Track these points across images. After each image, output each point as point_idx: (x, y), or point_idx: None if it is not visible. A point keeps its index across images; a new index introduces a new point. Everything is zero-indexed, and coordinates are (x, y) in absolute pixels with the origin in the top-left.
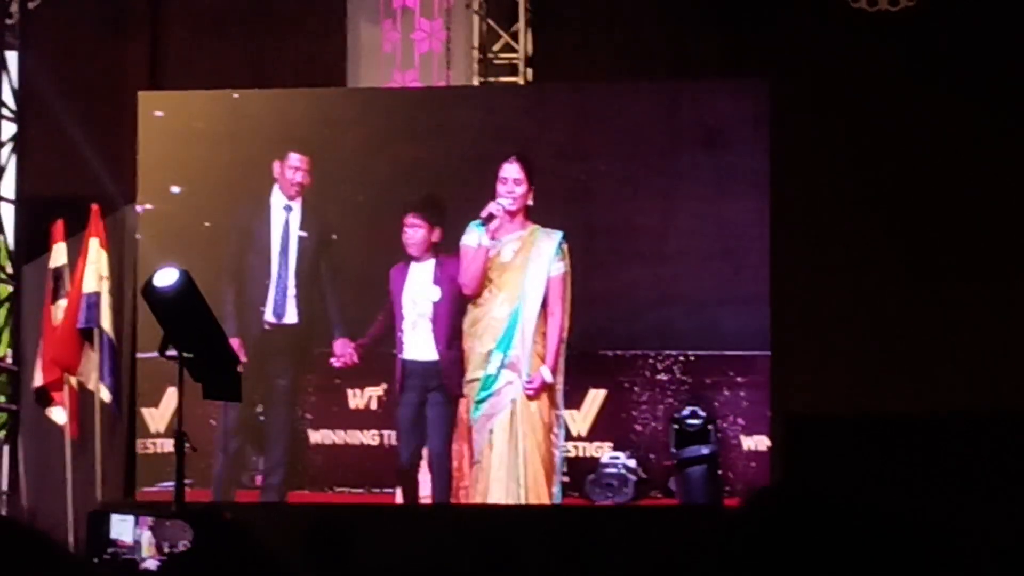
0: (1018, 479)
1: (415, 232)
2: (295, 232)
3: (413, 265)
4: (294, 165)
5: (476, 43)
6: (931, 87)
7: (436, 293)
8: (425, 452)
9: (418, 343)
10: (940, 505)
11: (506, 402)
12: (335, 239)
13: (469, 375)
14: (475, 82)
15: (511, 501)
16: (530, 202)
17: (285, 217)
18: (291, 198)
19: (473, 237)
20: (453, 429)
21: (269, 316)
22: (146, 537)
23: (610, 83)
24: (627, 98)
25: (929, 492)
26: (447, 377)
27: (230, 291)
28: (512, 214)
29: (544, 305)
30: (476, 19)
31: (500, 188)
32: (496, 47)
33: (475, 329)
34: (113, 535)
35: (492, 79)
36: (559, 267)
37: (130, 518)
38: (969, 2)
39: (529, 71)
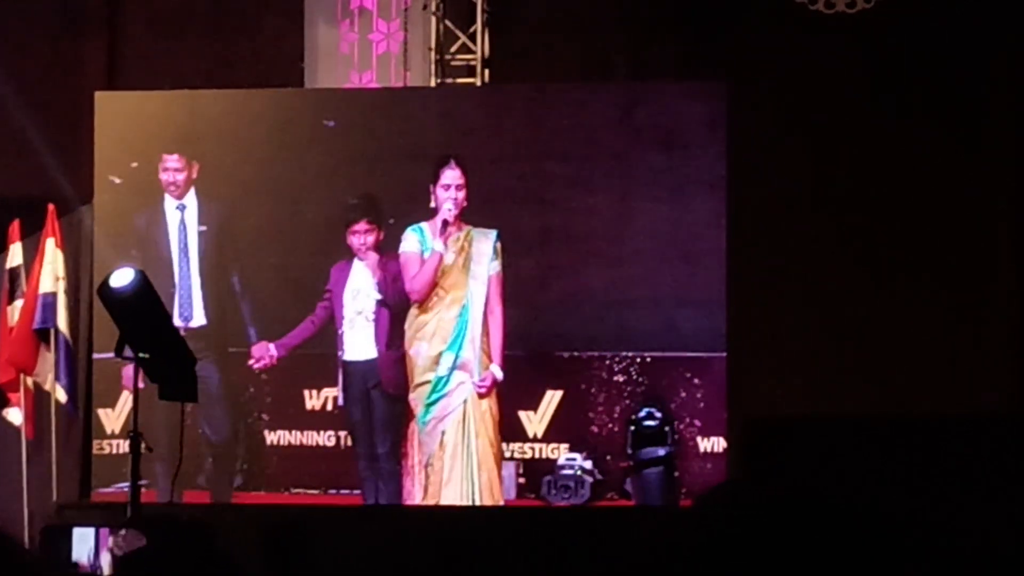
0: (975, 480)
1: (367, 238)
2: (193, 228)
3: (356, 263)
4: (168, 167)
5: (433, 44)
6: (888, 89)
7: (376, 293)
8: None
9: (357, 342)
10: (896, 505)
11: (458, 402)
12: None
13: (417, 379)
14: (432, 83)
15: (465, 502)
16: (465, 203)
17: (180, 216)
18: (179, 197)
19: (413, 244)
20: (400, 428)
21: (177, 322)
22: (106, 560)
23: (567, 85)
24: (584, 100)
25: (885, 493)
26: (385, 376)
27: None
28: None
29: (484, 304)
30: (433, 20)
31: (442, 193)
32: (453, 48)
33: (422, 333)
34: (74, 557)
35: (449, 80)
36: (495, 265)
37: (91, 538)
38: (925, 4)
39: (486, 72)
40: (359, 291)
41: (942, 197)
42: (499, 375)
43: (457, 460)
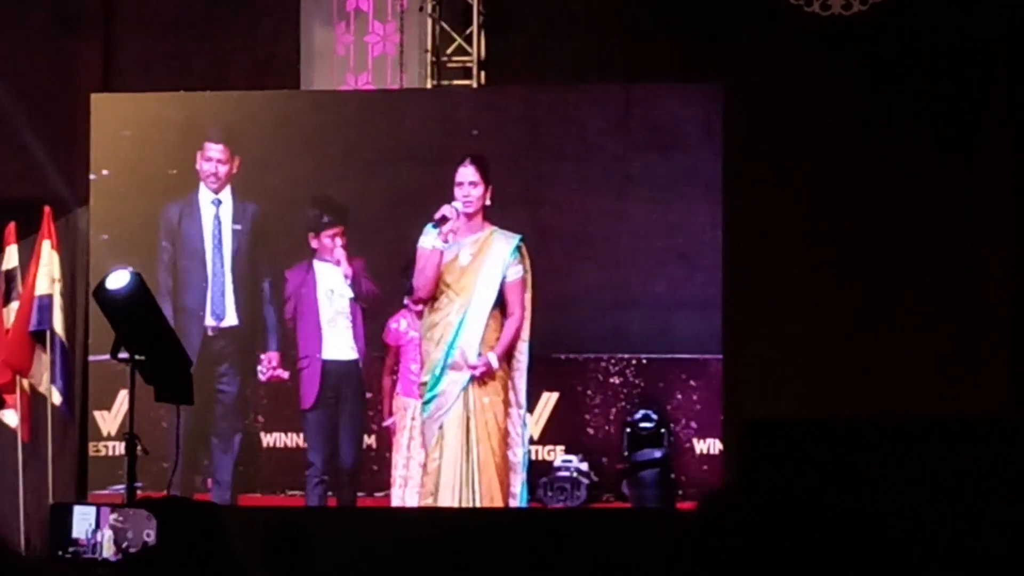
0: (971, 482)
1: (339, 240)
2: (228, 226)
3: (318, 264)
4: (211, 156)
5: (429, 46)
6: (884, 91)
7: (350, 291)
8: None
9: (338, 342)
10: (891, 508)
11: (453, 397)
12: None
13: (422, 377)
14: (428, 85)
15: (464, 505)
16: (487, 203)
17: (215, 212)
18: (216, 191)
19: (429, 239)
20: (363, 431)
21: (209, 320)
22: (107, 536)
23: (563, 87)
24: (580, 102)
25: (881, 495)
26: (367, 376)
27: (167, 300)
28: (469, 216)
29: (503, 309)
30: (429, 22)
31: (456, 192)
32: (449, 50)
33: (431, 333)
34: (75, 534)
35: (445, 82)
36: (517, 270)
37: (92, 514)
38: (922, 6)
39: (482, 74)
40: (333, 291)
41: (938, 199)
42: (495, 363)
43: (457, 464)
